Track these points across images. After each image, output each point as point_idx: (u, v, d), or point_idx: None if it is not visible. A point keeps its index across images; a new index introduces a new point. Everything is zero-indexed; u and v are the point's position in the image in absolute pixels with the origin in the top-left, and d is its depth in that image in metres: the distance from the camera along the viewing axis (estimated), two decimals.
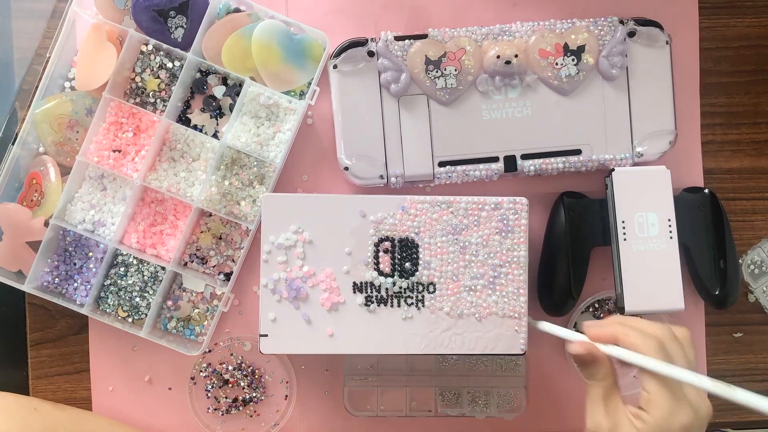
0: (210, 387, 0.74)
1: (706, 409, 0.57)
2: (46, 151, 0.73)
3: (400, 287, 0.67)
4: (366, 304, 0.67)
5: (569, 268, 0.70)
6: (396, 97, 0.71)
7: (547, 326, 0.65)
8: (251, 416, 0.75)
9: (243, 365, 0.74)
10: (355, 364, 0.75)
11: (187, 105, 0.74)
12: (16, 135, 0.71)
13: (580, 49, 0.71)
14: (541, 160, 0.72)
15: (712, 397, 0.55)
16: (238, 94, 0.72)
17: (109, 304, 0.73)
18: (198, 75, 0.74)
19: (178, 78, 0.71)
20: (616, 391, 0.57)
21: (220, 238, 0.74)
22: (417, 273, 0.67)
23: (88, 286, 0.73)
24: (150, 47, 0.72)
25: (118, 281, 0.73)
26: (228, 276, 0.73)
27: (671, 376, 0.54)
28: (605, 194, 0.71)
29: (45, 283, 0.73)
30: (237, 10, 0.73)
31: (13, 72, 0.74)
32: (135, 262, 0.73)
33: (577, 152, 0.72)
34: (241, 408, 0.74)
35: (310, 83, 0.72)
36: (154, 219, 0.74)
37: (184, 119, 0.74)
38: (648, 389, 0.55)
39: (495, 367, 0.75)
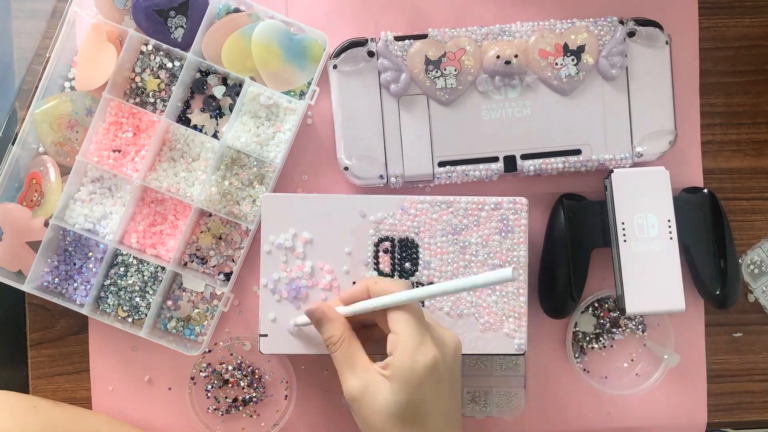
0: (210, 387, 0.74)
1: (452, 342, 0.57)
2: (46, 151, 0.73)
3: None
4: None
5: (569, 271, 0.70)
6: (396, 97, 0.71)
7: (299, 318, 0.66)
8: (251, 416, 0.75)
9: (243, 365, 0.74)
10: None
11: (187, 105, 0.74)
12: (16, 135, 0.71)
13: (580, 49, 0.71)
14: (541, 160, 0.72)
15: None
16: (238, 94, 0.72)
17: (109, 304, 0.73)
18: (198, 75, 0.74)
19: (178, 78, 0.71)
20: (360, 352, 0.57)
21: (220, 238, 0.74)
22: (417, 273, 0.67)
23: (88, 286, 0.73)
24: (150, 47, 0.72)
25: (118, 281, 0.73)
26: (228, 276, 0.73)
27: (424, 294, 0.55)
28: (605, 195, 0.71)
29: (45, 283, 0.73)
30: (237, 10, 0.73)
31: (13, 72, 0.74)
32: (135, 262, 0.73)
33: (577, 152, 0.72)
34: (241, 408, 0.74)
35: (310, 83, 0.72)
36: (154, 219, 0.74)
37: (184, 119, 0.74)
38: (395, 329, 0.55)
39: (495, 367, 0.75)
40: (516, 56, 0.70)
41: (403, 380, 0.54)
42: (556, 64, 0.71)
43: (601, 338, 0.75)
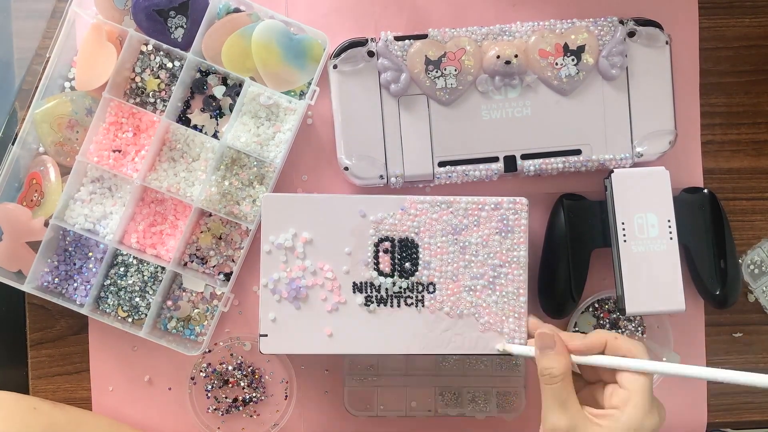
0: (210, 387, 0.74)
1: (664, 417, 0.59)
2: (46, 151, 0.73)
3: (400, 287, 0.67)
4: (366, 304, 0.67)
5: (570, 272, 0.70)
6: (396, 97, 0.71)
7: (516, 348, 0.66)
8: (251, 416, 0.75)
9: (243, 365, 0.74)
10: (355, 364, 0.75)
11: (187, 105, 0.74)
12: (16, 135, 0.71)
13: (580, 49, 0.71)
14: (541, 160, 0.72)
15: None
16: (238, 94, 0.72)
17: (109, 304, 0.73)
18: (198, 75, 0.74)
19: (178, 78, 0.71)
20: (573, 393, 0.58)
21: (220, 238, 0.74)
22: (417, 273, 0.67)
23: (88, 286, 0.73)
24: (150, 47, 0.72)
25: (118, 281, 0.73)
26: (228, 276, 0.73)
27: (665, 371, 0.57)
28: (605, 195, 0.71)
29: (45, 283, 0.73)
30: (237, 10, 0.73)
31: (13, 72, 0.74)
32: (135, 262, 0.73)
33: (577, 152, 0.72)
34: (241, 408, 0.74)
35: (310, 83, 0.72)
36: (154, 219, 0.74)
37: (184, 119, 0.74)
38: (628, 387, 0.57)
39: (495, 367, 0.75)
40: (516, 56, 0.70)
41: None
42: (556, 64, 0.71)
43: None
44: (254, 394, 0.74)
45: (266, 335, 0.67)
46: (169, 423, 0.75)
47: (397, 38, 0.71)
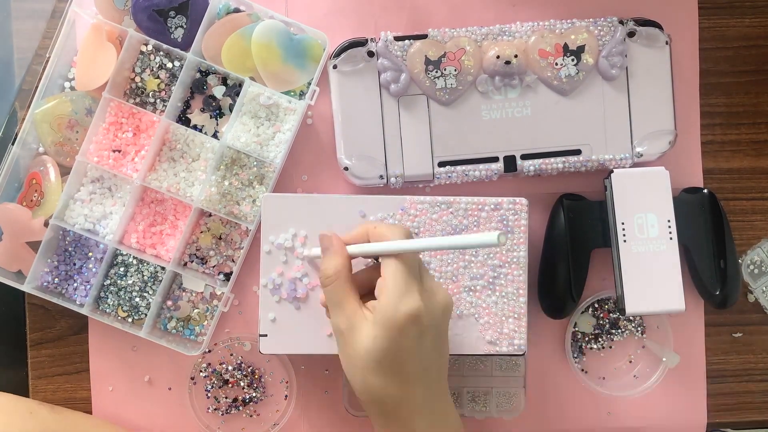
0: (210, 387, 0.74)
1: (443, 299, 0.56)
2: (46, 151, 0.73)
3: None
4: None
5: (569, 272, 0.70)
6: (396, 98, 0.71)
7: (313, 250, 0.65)
8: (251, 416, 0.75)
9: (243, 365, 0.74)
10: None
11: (186, 105, 0.74)
12: (16, 135, 0.71)
13: (580, 50, 0.71)
14: (541, 160, 0.72)
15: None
16: (237, 94, 0.72)
17: (109, 304, 0.73)
18: (198, 75, 0.74)
19: (177, 78, 0.71)
20: (352, 292, 0.56)
21: (220, 238, 0.74)
22: None
23: (88, 286, 0.73)
24: (150, 47, 0.72)
25: (118, 281, 0.73)
26: (228, 276, 0.73)
27: (418, 246, 0.55)
28: (605, 196, 0.71)
29: (45, 283, 0.73)
30: (237, 10, 0.73)
31: (13, 72, 0.74)
32: (135, 262, 0.73)
33: (577, 152, 0.72)
34: (241, 408, 0.74)
35: (309, 83, 0.72)
36: (154, 219, 0.74)
37: (183, 119, 0.74)
38: (384, 274, 0.55)
39: (494, 367, 0.75)
40: (516, 56, 0.70)
41: (384, 326, 0.53)
42: (556, 64, 0.71)
43: (600, 339, 0.75)
44: (254, 394, 0.74)
45: (266, 335, 0.67)
46: (169, 423, 0.75)
47: (397, 38, 0.71)
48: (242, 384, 0.74)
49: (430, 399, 0.56)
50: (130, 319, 0.73)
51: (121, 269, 0.73)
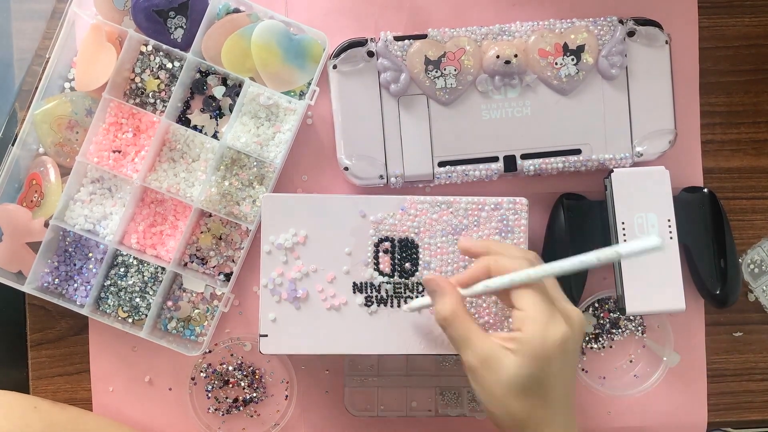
0: (210, 387, 0.74)
1: (578, 319, 0.57)
2: (46, 152, 0.73)
3: (400, 287, 0.67)
4: (366, 304, 0.67)
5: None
6: (396, 97, 0.71)
7: (415, 302, 0.65)
8: (252, 416, 0.75)
9: (243, 365, 0.75)
10: (355, 365, 0.75)
11: (186, 105, 0.74)
12: (16, 136, 0.71)
13: (580, 49, 0.71)
14: (541, 160, 0.72)
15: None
16: (237, 95, 0.72)
17: (109, 305, 0.73)
18: (198, 75, 0.74)
19: (177, 78, 0.71)
20: (474, 326, 0.57)
21: (220, 239, 0.74)
22: (417, 273, 0.67)
23: (88, 287, 0.73)
24: (149, 48, 0.72)
25: (118, 282, 0.73)
26: (228, 276, 0.73)
27: (549, 273, 0.55)
28: (605, 195, 0.71)
29: (45, 284, 0.73)
30: (236, 11, 0.73)
31: (13, 73, 0.74)
32: (135, 262, 0.73)
33: (577, 152, 0.72)
34: (241, 408, 0.74)
35: (309, 83, 0.72)
36: (154, 219, 0.74)
37: (183, 120, 0.74)
38: (521, 306, 0.55)
39: None
40: (516, 56, 0.70)
41: (532, 355, 0.54)
42: (556, 63, 0.71)
43: (600, 338, 0.75)
44: (255, 395, 0.74)
45: (266, 335, 0.67)
46: (170, 423, 0.75)
47: (397, 38, 0.71)
48: (243, 384, 0.74)
49: (568, 417, 0.57)
50: (130, 320, 0.73)
51: (122, 270, 0.73)
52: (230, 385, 0.75)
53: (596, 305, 0.75)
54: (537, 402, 0.55)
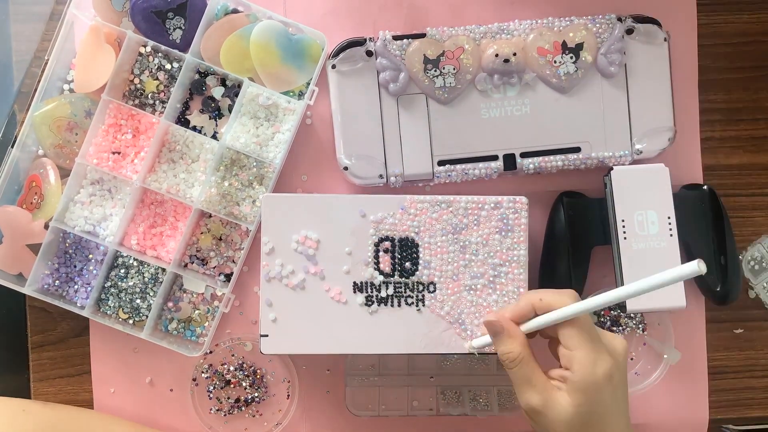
0: (212, 388, 0.74)
1: (622, 349, 0.58)
2: (46, 154, 0.73)
3: (401, 287, 0.67)
4: (366, 304, 0.67)
5: (570, 269, 0.70)
6: (395, 97, 0.71)
7: (477, 341, 0.66)
8: (254, 416, 0.75)
9: (244, 366, 0.75)
10: (356, 364, 0.75)
11: (186, 106, 0.74)
12: (15, 137, 0.71)
13: (579, 47, 0.71)
14: (541, 158, 0.72)
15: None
16: (236, 95, 0.72)
17: (110, 306, 0.73)
18: (197, 76, 0.74)
19: (176, 79, 0.71)
20: (536, 368, 0.58)
21: (220, 239, 0.74)
22: (417, 273, 0.67)
23: (89, 288, 0.73)
24: (148, 49, 0.72)
25: (119, 283, 0.73)
26: (228, 277, 0.73)
27: (598, 305, 0.55)
28: (604, 193, 0.71)
29: (45, 286, 0.73)
30: (235, 11, 0.73)
31: (12, 75, 0.74)
32: (135, 263, 0.73)
33: (577, 150, 0.72)
34: (243, 408, 0.74)
35: (308, 83, 0.72)
36: (154, 220, 0.74)
37: (183, 120, 0.74)
38: (568, 345, 0.57)
39: (496, 366, 0.75)
40: (515, 54, 0.70)
41: (584, 392, 0.56)
42: (555, 62, 0.71)
43: None
44: (256, 395, 0.74)
45: (267, 335, 0.67)
46: (172, 424, 0.75)
47: (396, 37, 0.71)
48: (244, 384, 0.74)
49: None
50: (131, 321, 0.73)
51: (122, 271, 0.73)
52: (232, 386, 0.75)
53: None
54: None
